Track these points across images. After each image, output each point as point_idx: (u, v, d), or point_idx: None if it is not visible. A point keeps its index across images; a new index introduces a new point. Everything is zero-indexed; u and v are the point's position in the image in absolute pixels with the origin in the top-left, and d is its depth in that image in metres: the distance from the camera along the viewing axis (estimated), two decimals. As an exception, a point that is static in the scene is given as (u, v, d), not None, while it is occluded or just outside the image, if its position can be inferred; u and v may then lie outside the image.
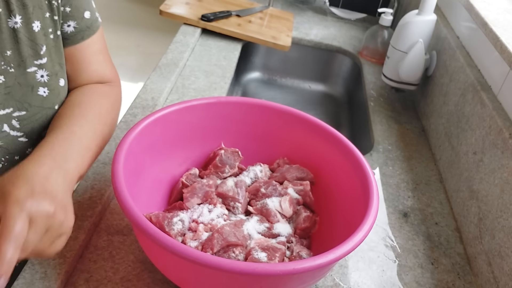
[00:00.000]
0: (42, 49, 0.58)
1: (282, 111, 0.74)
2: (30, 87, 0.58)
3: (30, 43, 0.57)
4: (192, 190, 0.66)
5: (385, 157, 0.96)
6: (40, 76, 0.58)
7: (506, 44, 0.78)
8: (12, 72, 0.55)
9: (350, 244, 0.51)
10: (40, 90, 0.59)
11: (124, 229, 0.68)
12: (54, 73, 0.60)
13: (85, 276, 0.61)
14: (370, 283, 0.69)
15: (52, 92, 0.60)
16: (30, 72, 0.57)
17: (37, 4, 0.57)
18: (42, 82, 0.59)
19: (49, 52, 0.60)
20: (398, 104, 1.17)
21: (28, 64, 0.57)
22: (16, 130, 0.57)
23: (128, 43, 3.10)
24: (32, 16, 0.57)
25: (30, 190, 0.47)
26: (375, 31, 1.34)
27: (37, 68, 0.58)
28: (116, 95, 0.72)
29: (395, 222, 0.81)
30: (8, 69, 0.55)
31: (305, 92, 1.47)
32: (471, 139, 0.84)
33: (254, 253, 0.58)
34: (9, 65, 0.55)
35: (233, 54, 1.23)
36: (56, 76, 0.61)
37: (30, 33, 0.57)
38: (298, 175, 0.73)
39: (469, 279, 0.73)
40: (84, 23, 0.66)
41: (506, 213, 0.67)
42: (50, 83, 0.60)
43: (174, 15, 1.28)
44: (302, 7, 1.66)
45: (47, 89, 0.59)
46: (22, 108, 0.57)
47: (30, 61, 0.57)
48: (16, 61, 0.56)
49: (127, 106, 0.94)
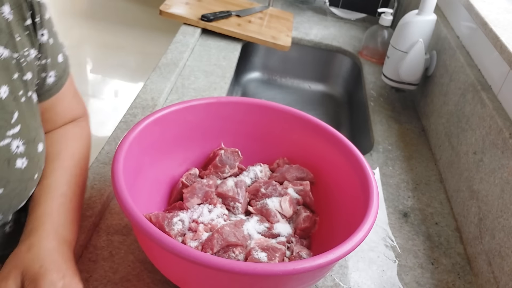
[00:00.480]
0: (13, 117, 0.51)
1: (282, 111, 0.74)
2: (6, 162, 0.51)
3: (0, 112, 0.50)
4: (192, 190, 0.66)
5: (385, 157, 0.96)
6: (15, 147, 0.52)
7: (506, 44, 0.78)
8: None
9: (350, 244, 0.51)
10: (18, 162, 0.52)
11: (124, 229, 0.68)
12: (31, 140, 0.54)
13: (85, 276, 0.61)
14: (370, 283, 0.69)
15: (31, 160, 0.54)
16: (3, 146, 0.50)
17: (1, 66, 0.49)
18: (19, 153, 0.52)
19: (23, 117, 0.52)
20: (398, 104, 1.17)
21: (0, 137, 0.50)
22: None
23: (128, 43, 3.10)
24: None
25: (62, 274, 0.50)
26: (375, 31, 1.34)
27: (11, 139, 0.51)
28: (86, 135, 0.71)
29: (395, 222, 0.81)
30: None
31: (305, 92, 1.47)
32: (471, 139, 0.84)
33: (254, 253, 0.58)
34: None
35: (233, 54, 1.23)
36: (34, 142, 0.54)
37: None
38: (298, 175, 0.73)
39: (469, 279, 0.73)
40: (61, 68, 0.62)
41: (506, 213, 0.67)
42: (28, 152, 0.53)
43: (174, 15, 1.28)
44: (302, 7, 1.66)
45: (25, 159, 0.53)
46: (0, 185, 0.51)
47: (1, 133, 0.50)
48: None
49: (127, 106, 0.94)
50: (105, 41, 3.10)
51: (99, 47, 3.07)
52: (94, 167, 0.76)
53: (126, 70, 2.82)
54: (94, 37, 3.14)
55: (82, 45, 3.04)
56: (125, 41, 3.13)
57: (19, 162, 0.52)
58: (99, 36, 3.15)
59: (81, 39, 3.08)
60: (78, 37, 3.08)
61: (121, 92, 2.64)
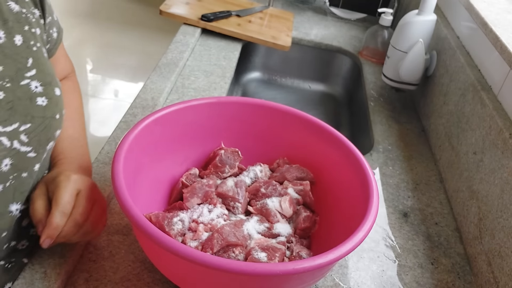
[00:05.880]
0: (28, 61, 0.59)
1: (282, 111, 0.74)
2: (28, 99, 0.58)
3: (16, 57, 0.57)
4: (192, 190, 0.66)
5: (385, 157, 0.96)
6: (34, 87, 0.59)
7: (506, 44, 0.78)
8: (9, 87, 0.56)
9: (350, 244, 0.51)
10: (39, 100, 0.59)
11: (124, 229, 0.68)
12: (48, 83, 0.61)
13: (85, 275, 0.61)
14: (370, 283, 0.69)
15: (50, 100, 0.60)
16: (23, 84, 0.57)
17: (15, 18, 0.58)
18: (38, 93, 0.59)
19: (37, 63, 0.60)
20: (398, 104, 1.17)
21: (20, 78, 0.57)
22: (25, 145, 0.57)
23: (128, 43, 3.10)
24: (13, 30, 0.57)
25: (75, 169, 0.63)
26: (375, 31, 1.34)
27: (29, 80, 0.58)
28: (77, 86, 0.83)
29: (395, 222, 0.81)
30: (4, 85, 0.55)
31: (305, 92, 1.47)
32: (471, 139, 0.84)
33: (254, 253, 0.58)
34: (4, 80, 0.55)
35: (233, 54, 1.23)
36: (50, 85, 0.61)
37: (14, 47, 0.57)
38: (298, 175, 0.73)
39: (469, 279, 0.73)
40: (57, 24, 0.71)
41: (506, 213, 0.67)
42: (47, 92, 0.60)
43: (174, 15, 1.28)
44: (302, 7, 1.66)
45: (45, 98, 0.60)
46: (27, 120, 0.57)
47: (21, 74, 0.57)
48: (9, 76, 0.56)
49: (127, 106, 0.94)
50: (105, 41, 3.10)
51: (100, 47, 3.07)
52: (94, 167, 0.76)
53: (126, 70, 2.82)
54: (94, 37, 3.14)
55: (82, 45, 3.04)
56: (125, 41, 3.13)
57: (40, 100, 0.59)
58: (99, 36, 3.15)
59: (82, 39, 3.08)
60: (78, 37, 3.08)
61: (121, 92, 2.64)
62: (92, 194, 0.59)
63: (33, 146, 0.58)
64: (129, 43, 3.11)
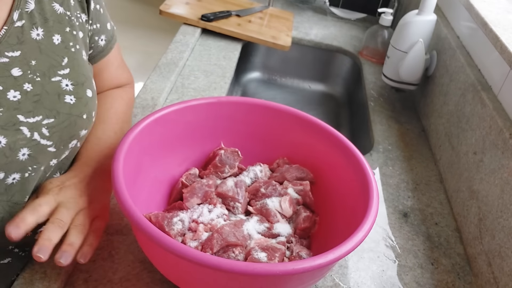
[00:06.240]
0: (63, 60, 0.61)
1: (282, 111, 0.74)
2: (56, 95, 0.59)
3: (52, 54, 0.60)
4: (192, 190, 0.66)
5: (385, 157, 0.96)
6: (65, 85, 0.60)
7: (506, 44, 0.78)
8: (39, 81, 0.57)
9: (350, 244, 0.51)
10: (67, 98, 0.60)
11: (124, 229, 0.68)
12: (80, 83, 0.62)
13: (84, 276, 0.61)
14: (370, 283, 0.69)
15: (79, 100, 0.62)
16: (54, 81, 0.59)
17: (57, 19, 0.61)
18: (68, 91, 0.61)
19: (72, 63, 0.62)
20: (398, 104, 1.17)
21: (52, 74, 0.59)
22: (45, 138, 0.58)
23: (128, 43, 3.10)
24: (52, 29, 0.60)
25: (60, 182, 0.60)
26: (375, 31, 1.34)
27: (61, 77, 0.60)
28: (129, 95, 0.83)
29: (395, 222, 0.81)
30: (35, 78, 0.57)
31: (305, 92, 1.47)
32: (471, 139, 0.84)
33: (254, 253, 0.58)
34: (35, 74, 0.57)
35: (233, 54, 1.23)
36: (82, 86, 0.63)
37: (51, 45, 0.60)
38: (298, 175, 0.73)
39: (469, 279, 0.73)
40: (110, 34, 0.74)
41: (506, 213, 0.67)
42: (76, 92, 0.62)
43: (174, 15, 1.27)
44: (302, 7, 1.66)
45: (74, 97, 0.61)
46: (51, 115, 0.58)
47: (53, 71, 0.59)
48: (41, 71, 0.58)
49: (127, 106, 0.94)
50: (105, 41, 3.10)
51: (99, 47, 3.06)
52: (94, 167, 0.76)
53: (126, 70, 2.82)
54: (94, 37, 3.14)
55: (82, 44, 3.03)
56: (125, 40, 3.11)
57: (68, 98, 0.61)
58: (99, 36, 3.15)
59: (81, 38, 3.08)
60: (78, 36, 3.08)
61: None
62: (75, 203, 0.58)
63: (54, 141, 0.59)
64: (129, 43, 3.10)
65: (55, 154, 0.61)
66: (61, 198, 0.57)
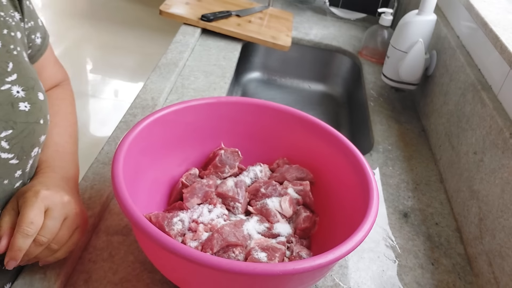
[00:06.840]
0: (8, 66, 0.57)
1: (282, 111, 0.74)
2: (10, 104, 0.55)
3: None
4: (192, 190, 0.66)
5: (385, 157, 0.96)
6: (16, 92, 0.57)
7: (506, 44, 0.78)
8: None
9: (350, 244, 0.51)
10: (21, 105, 0.57)
11: (124, 230, 0.68)
12: (30, 88, 0.59)
13: (84, 276, 0.61)
14: (370, 283, 0.69)
15: (33, 106, 0.58)
16: (4, 89, 0.55)
17: None
18: (20, 97, 0.57)
19: (18, 67, 0.58)
20: (398, 104, 1.17)
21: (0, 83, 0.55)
22: (6, 151, 0.55)
23: (128, 43, 3.10)
24: None
25: (45, 186, 0.57)
26: (375, 31, 1.34)
27: (10, 85, 0.56)
28: (70, 94, 0.80)
29: (395, 222, 0.81)
30: None
31: (305, 92, 1.47)
32: (471, 139, 0.84)
33: (254, 253, 0.58)
34: None
35: (233, 54, 1.23)
36: (33, 90, 0.59)
37: None
38: (298, 175, 0.73)
39: (469, 279, 0.73)
40: (43, 30, 0.70)
41: (506, 213, 0.67)
42: (29, 97, 0.58)
43: (174, 15, 1.27)
44: (302, 7, 1.66)
45: (27, 103, 0.58)
46: (8, 127, 0.55)
47: (1, 79, 0.56)
48: None
49: (127, 106, 0.94)
50: (105, 41, 3.10)
51: (99, 47, 3.07)
52: (94, 167, 0.76)
53: (126, 70, 2.82)
54: (94, 37, 3.14)
55: (82, 45, 3.04)
56: (125, 41, 3.13)
57: (22, 105, 0.57)
58: (99, 36, 3.15)
59: (81, 39, 3.08)
60: (78, 37, 3.08)
61: (121, 92, 2.64)
62: (63, 211, 0.55)
63: (15, 153, 0.56)
64: (129, 43, 3.11)
65: (18, 166, 0.58)
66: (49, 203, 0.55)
